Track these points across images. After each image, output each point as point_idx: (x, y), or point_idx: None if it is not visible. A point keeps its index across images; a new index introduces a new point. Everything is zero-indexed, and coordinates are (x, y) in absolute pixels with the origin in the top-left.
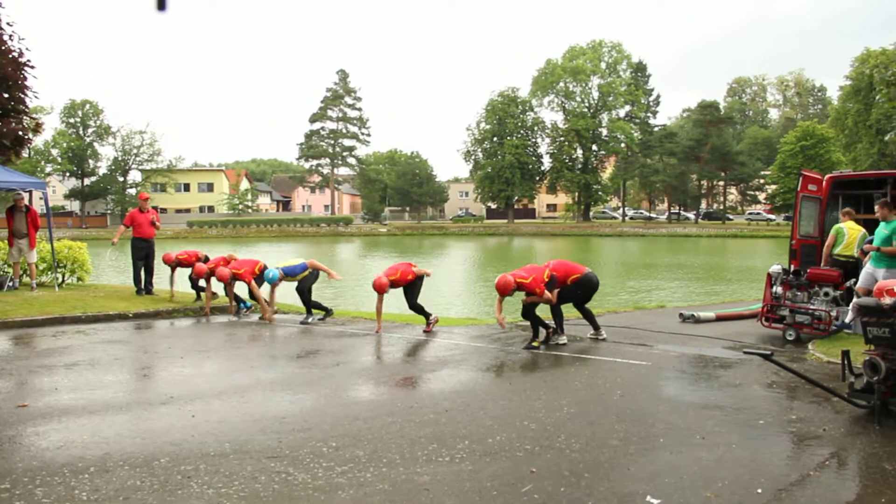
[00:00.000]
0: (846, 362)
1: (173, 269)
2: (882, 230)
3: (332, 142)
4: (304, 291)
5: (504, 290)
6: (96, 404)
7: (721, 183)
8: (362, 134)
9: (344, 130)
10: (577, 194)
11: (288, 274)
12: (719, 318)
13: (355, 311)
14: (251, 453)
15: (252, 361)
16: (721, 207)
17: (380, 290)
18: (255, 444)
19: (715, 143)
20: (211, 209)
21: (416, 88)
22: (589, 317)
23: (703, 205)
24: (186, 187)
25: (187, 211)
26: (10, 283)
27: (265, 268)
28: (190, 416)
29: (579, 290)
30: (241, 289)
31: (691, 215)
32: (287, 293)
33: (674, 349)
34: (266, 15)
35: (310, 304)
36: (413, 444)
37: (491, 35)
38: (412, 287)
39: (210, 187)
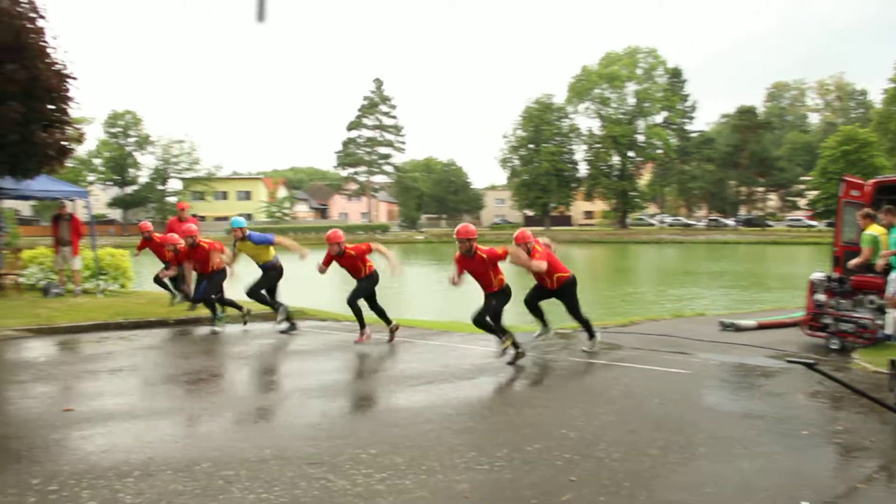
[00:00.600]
0: (893, 372)
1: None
2: (893, 235)
3: (369, 150)
4: (256, 293)
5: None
6: (139, 409)
7: (760, 189)
8: (398, 142)
9: (380, 138)
10: (614, 201)
11: (253, 239)
12: (761, 327)
13: (394, 319)
14: (291, 459)
15: (290, 368)
16: (761, 214)
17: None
18: (295, 451)
19: (753, 148)
20: (249, 217)
21: (452, 96)
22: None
23: (743, 211)
24: (225, 195)
25: (225, 219)
26: (56, 290)
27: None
28: (230, 421)
29: (571, 292)
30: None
31: (730, 222)
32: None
33: (714, 357)
34: (302, 24)
35: (267, 302)
36: (452, 452)
37: (526, 42)
38: (367, 282)
39: (248, 195)
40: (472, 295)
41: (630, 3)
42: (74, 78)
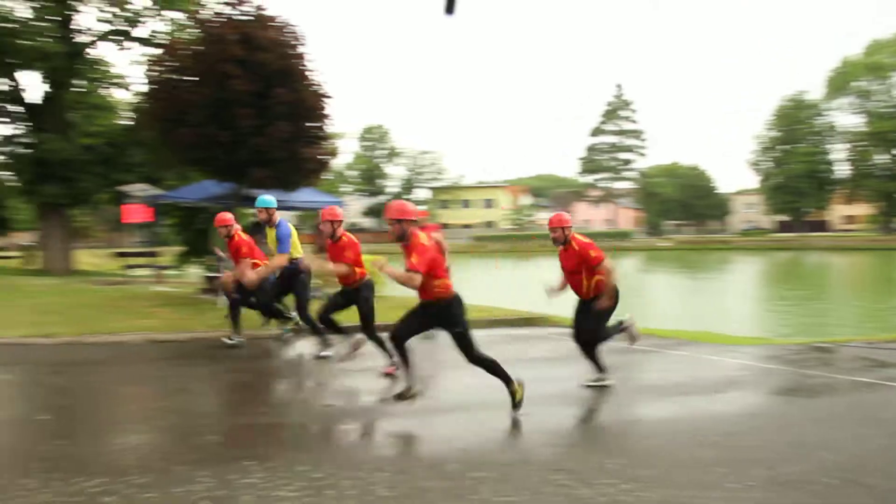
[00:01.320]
0: None
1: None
2: None
3: (611, 156)
4: (269, 306)
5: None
6: (390, 408)
7: None
8: (638, 147)
9: (621, 144)
10: (880, 204)
11: (280, 231)
12: None
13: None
14: (536, 464)
15: (533, 374)
16: None
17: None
18: (540, 456)
19: None
20: (492, 224)
21: (698, 97)
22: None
23: None
24: (468, 204)
25: (468, 227)
26: (317, 293)
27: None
28: (477, 424)
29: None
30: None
31: None
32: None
33: None
34: (547, 32)
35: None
36: (700, 467)
37: (777, 37)
38: (357, 295)
39: (491, 203)
40: (722, 306)
41: None
42: (330, 97)
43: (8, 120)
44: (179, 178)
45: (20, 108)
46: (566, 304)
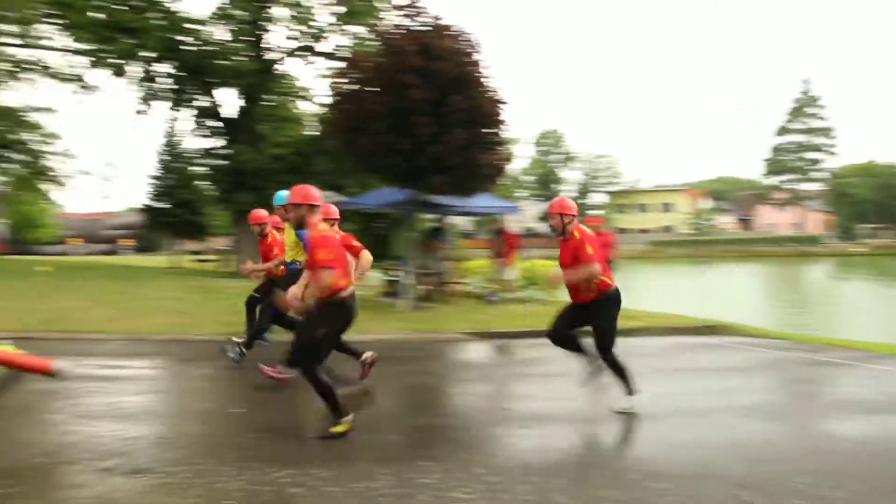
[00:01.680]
0: None
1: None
2: None
3: (798, 156)
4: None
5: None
6: (566, 413)
7: None
8: (827, 145)
9: (809, 143)
10: None
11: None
12: None
13: (827, 338)
14: (719, 478)
15: (714, 385)
16: None
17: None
18: (723, 470)
19: None
20: (670, 229)
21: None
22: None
23: None
24: (647, 207)
25: (646, 231)
26: (493, 298)
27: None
28: (656, 433)
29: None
30: None
31: None
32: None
33: None
34: (724, 29)
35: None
36: None
37: None
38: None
39: (671, 207)
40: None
41: None
42: (505, 103)
43: (208, 134)
44: (361, 185)
45: (218, 123)
46: (751, 311)
